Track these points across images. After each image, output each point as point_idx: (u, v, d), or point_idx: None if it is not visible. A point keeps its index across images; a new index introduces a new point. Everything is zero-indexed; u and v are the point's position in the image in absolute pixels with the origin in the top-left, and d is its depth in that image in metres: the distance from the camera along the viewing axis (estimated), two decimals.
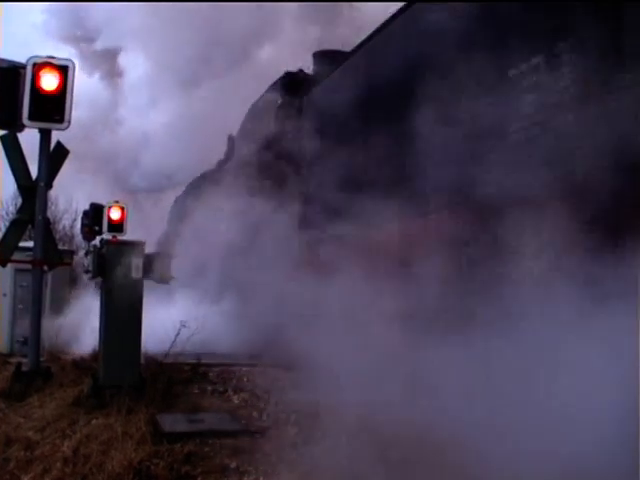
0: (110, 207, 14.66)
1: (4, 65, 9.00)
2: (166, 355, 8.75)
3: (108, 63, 19.95)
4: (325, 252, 9.68)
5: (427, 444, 5.28)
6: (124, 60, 19.53)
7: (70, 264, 9.42)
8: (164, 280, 8.01)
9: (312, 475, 5.11)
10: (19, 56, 9.03)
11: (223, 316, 12.13)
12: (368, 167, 9.22)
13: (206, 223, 14.47)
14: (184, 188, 21.43)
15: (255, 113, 14.38)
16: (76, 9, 18.84)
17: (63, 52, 19.85)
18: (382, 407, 5.93)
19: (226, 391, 8.12)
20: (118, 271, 7.75)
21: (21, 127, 9.09)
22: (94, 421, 6.60)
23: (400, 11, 8.82)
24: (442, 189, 7.32)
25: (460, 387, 5.57)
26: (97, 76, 20.56)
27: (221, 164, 18.43)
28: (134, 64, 19.00)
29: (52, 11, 19.23)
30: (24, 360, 9.21)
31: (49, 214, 9.43)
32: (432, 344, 6.13)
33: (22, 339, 12.15)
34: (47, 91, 8.90)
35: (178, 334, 8.84)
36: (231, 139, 17.23)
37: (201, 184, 18.49)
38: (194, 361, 9.18)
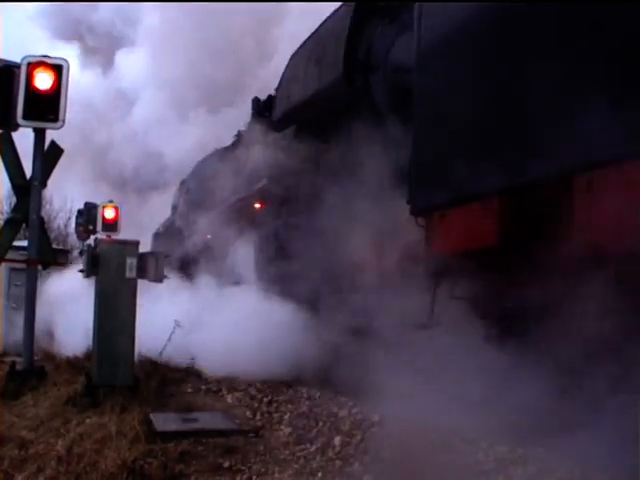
0: (104, 207, 14.70)
1: None
2: (160, 354, 8.78)
3: (108, 59, 20.08)
4: None
5: (419, 444, 5.31)
6: (125, 60, 19.67)
7: (64, 263, 9.40)
8: (157, 279, 8.01)
9: (304, 474, 5.14)
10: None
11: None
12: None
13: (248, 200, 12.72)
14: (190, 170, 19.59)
15: (319, 43, 10.62)
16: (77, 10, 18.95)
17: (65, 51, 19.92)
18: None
19: (220, 390, 8.14)
20: (112, 270, 7.76)
21: (15, 126, 9.09)
22: (88, 420, 6.60)
23: None
24: None
25: None
26: (95, 74, 20.66)
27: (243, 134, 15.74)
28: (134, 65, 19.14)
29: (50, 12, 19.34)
30: (18, 359, 9.21)
31: (43, 213, 9.41)
32: None
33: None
34: (41, 90, 8.90)
35: (173, 332, 8.88)
36: (257, 101, 14.79)
37: (223, 158, 16.03)
38: (188, 360, 9.21)
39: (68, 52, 19.54)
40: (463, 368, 5.60)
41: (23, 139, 9.52)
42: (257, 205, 12.58)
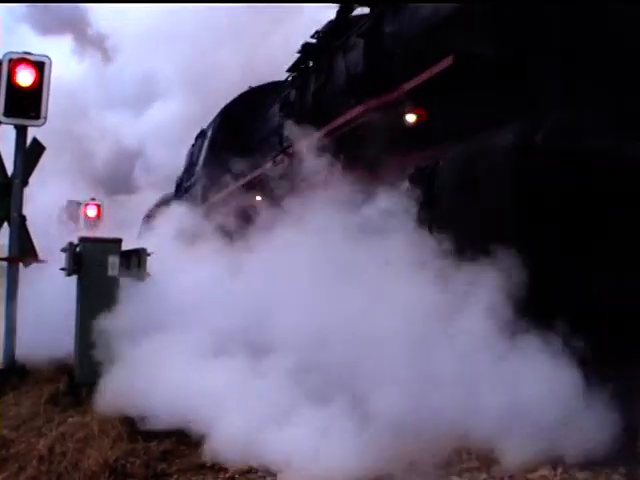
0: (87, 204, 14.63)
1: None
2: None
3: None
4: None
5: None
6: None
7: (46, 261, 9.36)
8: (140, 277, 7.97)
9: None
10: None
11: None
12: None
13: None
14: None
15: None
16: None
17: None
18: None
19: None
20: (94, 268, 7.72)
21: None
22: (70, 419, 6.57)
23: None
24: None
25: None
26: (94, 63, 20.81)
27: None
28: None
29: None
30: None
31: (25, 211, 9.38)
32: None
33: None
34: (23, 87, 8.86)
35: None
36: None
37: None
38: None
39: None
40: None
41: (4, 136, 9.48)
42: (411, 117, 7.22)
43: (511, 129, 5.60)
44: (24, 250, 9.27)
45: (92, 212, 14.51)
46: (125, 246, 8.00)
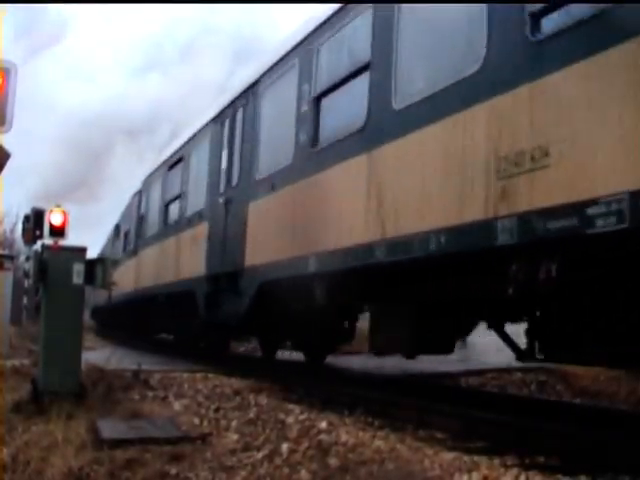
0: (51, 211, 14.47)
1: None
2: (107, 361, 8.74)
3: None
4: None
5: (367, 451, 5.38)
6: None
7: (10, 269, 9.30)
8: (105, 286, 7.97)
9: None
10: None
11: None
12: None
13: None
14: None
15: None
16: None
17: None
18: None
19: (167, 397, 8.12)
20: (59, 277, 7.70)
21: None
22: (33, 427, 6.55)
23: None
24: None
25: None
26: None
27: None
28: None
29: None
30: None
31: None
32: None
33: None
34: None
35: None
36: None
37: None
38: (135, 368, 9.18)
39: None
40: None
41: None
42: None
43: None
44: None
45: (57, 219, 14.35)
46: None
